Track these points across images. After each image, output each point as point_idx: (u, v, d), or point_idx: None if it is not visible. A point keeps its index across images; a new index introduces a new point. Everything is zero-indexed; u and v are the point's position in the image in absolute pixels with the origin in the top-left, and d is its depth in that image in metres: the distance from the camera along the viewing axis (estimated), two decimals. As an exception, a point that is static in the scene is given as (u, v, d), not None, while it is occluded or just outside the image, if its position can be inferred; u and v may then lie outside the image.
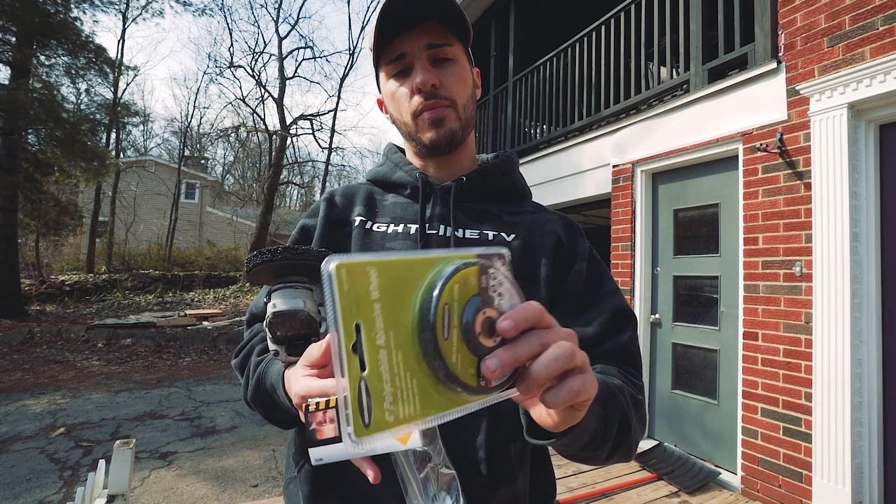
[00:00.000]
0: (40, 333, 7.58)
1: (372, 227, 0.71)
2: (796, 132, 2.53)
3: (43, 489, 3.00)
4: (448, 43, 0.66)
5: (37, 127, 9.09)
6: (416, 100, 0.65)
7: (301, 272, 0.50)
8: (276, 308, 0.48)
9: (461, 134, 0.69)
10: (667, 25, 3.46)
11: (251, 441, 3.82)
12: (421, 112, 0.66)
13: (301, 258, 0.49)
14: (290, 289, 0.49)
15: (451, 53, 0.66)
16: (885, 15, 2.18)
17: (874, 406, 2.26)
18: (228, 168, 28.67)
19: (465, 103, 0.68)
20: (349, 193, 0.78)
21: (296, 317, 0.48)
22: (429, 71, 0.64)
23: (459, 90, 0.67)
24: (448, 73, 0.66)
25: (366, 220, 0.72)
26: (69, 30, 9.34)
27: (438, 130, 0.66)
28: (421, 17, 0.64)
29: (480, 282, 0.30)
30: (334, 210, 0.75)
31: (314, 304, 0.50)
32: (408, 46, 0.64)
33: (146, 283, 13.18)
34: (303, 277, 0.50)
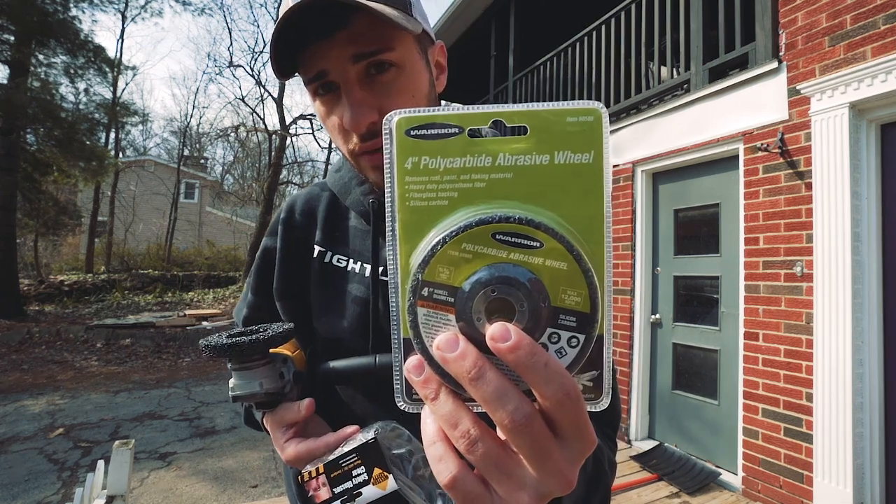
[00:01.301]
0: (39, 334, 7.57)
1: (331, 261, 0.62)
2: (797, 132, 2.53)
3: (42, 490, 2.99)
4: (384, 47, 0.48)
5: (35, 126, 9.08)
6: (353, 140, 0.52)
7: (259, 352, 0.49)
8: (234, 392, 0.49)
9: None
10: (667, 25, 3.45)
11: (251, 441, 3.81)
12: (360, 154, 0.53)
13: (256, 345, 0.47)
14: (245, 371, 0.48)
15: (393, 59, 0.49)
16: (886, 14, 2.18)
17: (875, 406, 2.25)
18: (228, 168, 28.66)
19: None
20: (309, 209, 0.67)
21: (254, 398, 0.49)
22: (361, 103, 0.49)
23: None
24: (389, 92, 0.50)
25: (325, 252, 0.63)
26: (68, 29, 9.33)
27: (381, 176, 0.54)
28: (338, 14, 0.46)
29: None
30: (293, 232, 0.66)
31: (274, 377, 0.50)
32: (328, 61, 0.48)
33: (145, 283, 13.16)
34: (259, 356, 0.49)
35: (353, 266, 0.61)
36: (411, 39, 0.52)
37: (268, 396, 0.50)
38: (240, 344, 0.46)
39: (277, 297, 0.65)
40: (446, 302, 0.23)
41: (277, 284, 0.65)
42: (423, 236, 0.24)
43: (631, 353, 3.54)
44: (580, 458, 0.23)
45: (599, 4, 5.26)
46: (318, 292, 0.62)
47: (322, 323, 0.61)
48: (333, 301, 0.61)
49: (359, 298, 0.59)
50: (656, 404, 3.47)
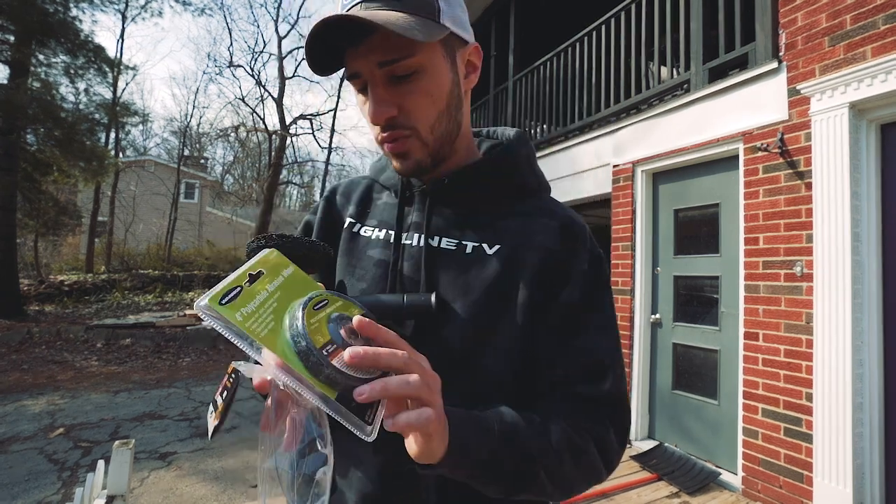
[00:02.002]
0: (39, 334, 7.57)
1: (359, 231, 0.69)
2: (797, 132, 2.53)
3: (42, 490, 2.99)
4: (404, 55, 0.53)
5: (35, 126, 9.07)
6: (376, 129, 0.59)
7: (295, 260, 0.53)
8: None
9: (431, 160, 0.61)
10: (667, 25, 3.45)
11: (251, 441, 3.81)
12: (382, 143, 0.60)
13: (293, 247, 0.53)
14: None
15: (413, 65, 0.54)
16: (886, 14, 2.18)
17: (875, 406, 2.25)
18: (228, 168, 28.64)
19: (433, 124, 0.58)
20: (348, 191, 0.76)
21: None
22: (382, 101, 0.55)
23: (424, 113, 0.57)
24: (410, 92, 0.55)
25: (355, 223, 0.70)
26: (68, 29, 9.33)
27: (403, 163, 0.60)
28: (362, 29, 0.52)
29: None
30: (332, 209, 0.74)
31: None
32: (359, 64, 0.55)
33: (145, 283, 13.16)
34: (296, 265, 0.53)
35: (378, 234, 0.67)
36: (436, 44, 0.56)
37: None
38: (290, 236, 0.54)
39: None
40: (334, 348, 0.40)
41: None
42: (281, 343, 0.38)
43: (631, 353, 3.54)
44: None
45: (599, 4, 5.25)
46: (343, 258, 0.68)
47: (339, 286, 0.66)
48: (356, 266, 0.66)
49: (380, 261, 0.64)
50: (656, 404, 3.47)
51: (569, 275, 0.60)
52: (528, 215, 0.64)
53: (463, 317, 0.58)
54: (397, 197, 0.68)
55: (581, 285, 0.60)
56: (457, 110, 0.61)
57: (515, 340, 0.58)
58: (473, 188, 0.65)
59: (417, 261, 0.62)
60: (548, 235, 0.62)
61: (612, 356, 0.60)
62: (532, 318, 0.59)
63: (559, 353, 0.59)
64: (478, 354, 0.57)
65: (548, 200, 0.68)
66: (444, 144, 0.61)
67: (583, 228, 0.65)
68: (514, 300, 0.59)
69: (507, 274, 0.59)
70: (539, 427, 0.52)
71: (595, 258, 0.63)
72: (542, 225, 0.63)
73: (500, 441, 0.48)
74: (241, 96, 19.94)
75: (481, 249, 0.61)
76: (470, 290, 0.58)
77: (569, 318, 0.59)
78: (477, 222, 0.63)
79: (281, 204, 27.86)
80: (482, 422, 0.49)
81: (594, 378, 0.58)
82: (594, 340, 0.60)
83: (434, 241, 0.63)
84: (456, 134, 0.63)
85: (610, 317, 0.62)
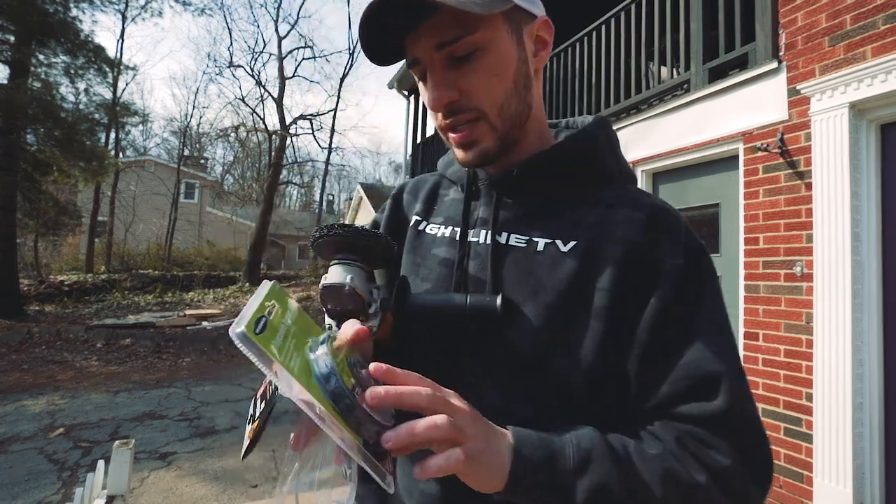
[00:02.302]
0: (39, 334, 7.57)
1: (425, 229, 0.65)
2: (797, 132, 2.53)
3: (42, 490, 2.99)
4: (463, 34, 0.49)
5: (35, 126, 9.08)
6: (439, 117, 0.55)
7: (356, 251, 0.52)
8: (324, 281, 0.52)
9: (499, 147, 0.55)
10: (667, 25, 3.45)
11: (251, 441, 3.82)
12: (445, 132, 0.56)
13: (353, 237, 0.52)
14: (341, 265, 0.52)
15: (473, 43, 0.50)
16: (886, 14, 2.18)
17: (875, 406, 2.25)
18: (228, 168, 28.65)
19: (501, 104, 0.53)
20: (416, 188, 0.72)
21: (340, 291, 0.51)
22: (439, 85, 0.52)
23: (489, 93, 0.52)
24: (471, 73, 0.51)
25: (420, 220, 0.67)
26: (68, 29, 9.34)
27: (468, 153, 0.55)
28: (419, 7, 0.48)
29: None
30: (399, 207, 0.71)
31: (364, 283, 0.52)
32: (417, 49, 0.52)
33: (145, 283, 13.16)
34: (357, 256, 0.53)
35: (444, 231, 0.63)
36: (499, 19, 0.52)
37: (351, 298, 0.51)
38: (352, 226, 0.52)
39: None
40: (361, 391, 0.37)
41: None
42: (312, 382, 0.36)
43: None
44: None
45: (599, 4, 5.25)
46: (408, 257, 0.65)
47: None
48: (420, 265, 0.63)
49: (445, 260, 0.60)
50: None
51: (657, 271, 0.51)
52: (608, 206, 0.56)
53: (533, 320, 0.52)
54: (464, 192, 0.64)
55: (674, 281, 0.51)
56: (526, 90, 0.55)
57: (593, 348, 0.50)
58: (546, 178, 0.58)
59: (484, 259, 0.57)
60: (631, 227, 0.53)
61: (725, 364, 0.48)
62: (615, 324, 0.50)
63: (653, 365, 0.49)
64: (549, 359, 0.51)
65: (632, 190, 0.59)
66: (513, 128, 0.55)
67: (676, 219, 0.56)
68: (591, 303, 0.51)
69: (583, 273, 0.52)
70: (625, 455, 0.44)
71: (692, 250, 0.54)
72: (625, 216, 0.55)
73: (573, 473, 0.42)
74: (241, 96, 19.96)
75: (554, 246, 0.54)
76: (541, 291, 0.52)
77: (662, 322, 0.50)
78: (550, 216, 0.57)
79: (281, 204, 27.87)
80: (553, 447, 0.43)
81: (701, 393, 0.47)
82: (697, 346, 0.49)
83: (502, 237, 0.57)
84: (526, 117, 0.57)
85: (716, 317, 0.52)
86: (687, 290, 0.51)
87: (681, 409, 0.48)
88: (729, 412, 0.46)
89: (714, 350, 0.49)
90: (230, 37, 26.73)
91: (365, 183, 18.30)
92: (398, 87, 8.10)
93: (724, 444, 0.46)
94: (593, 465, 0.43)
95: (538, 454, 0.42)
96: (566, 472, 0.42)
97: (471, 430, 0.39)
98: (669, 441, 0.47)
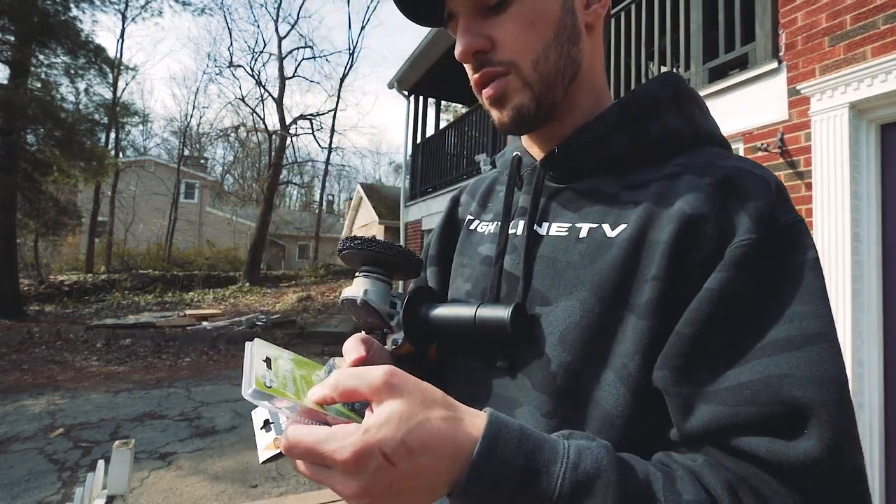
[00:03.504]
0: (39, 334, 7.58)
1: (476, 228, 0.61)
2: (797, 132, 2.53)
3: (42, 490, 2.99)
4: None
5: (35, 127, 9.09)
6: (469, 70, 0.49)
7: (381, 264, 0.51)
8: (342, 294, 0.51)
9: (536, 106, 0.47)
10: (667, 25, 3.45)
11: (251, 441, 3.81)
12: (478, 89, 0.49)
13: (379, 249, 0.50)
14: (361, 277, 0.51)
15: None
16: (886, 14, 2.18)
17: (875, 407, 2.25)
18: (228, 168, 28.67)
19: (537, 56, 0.45)
20: (475, 188, 0.68)
21: (353, 303, 0.49)
22: (467, 32, 0.46)
23: (522, 42, 0.45)
24: (503, 21, 0.45)
25: (473, 219, 0.62)
26: (68, 29, 9.35)
27: (501, 111, 0.48)
28: None
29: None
30: (455, 209, 0.68)
31: (383, 296, 0.50)
32: (451, 1, 0.47)
33: (145, 283, 13.17)
34: (381, 269, 0.51)
35: (490, 227, 0.58)
36: None
37: (364, 308, 0.49)
38: (375, 240, 0.50)
39: (429, 262, 0.66)
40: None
41: (432, 250, 0.66)
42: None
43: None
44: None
45: (599, 4, 5.25)
46: (457, 258, 0.61)
47: (452, 288, 0.59)
48: (465, 265, 0.59)
49: (486, 258, 0.55)
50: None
51: (719, 249, 0.38)
52: (671, 176, 0.45)
53: (567, 322, 0.43)
54: (508, 180, 0.57)
55: (743, 262, 0.37)
56: (570, 44, 0.47)
57: (639, 352, 0.40)
58: (594, 152, 0.49)
59: (520, 254, 0.50)
60: (692, 196, 0.41)
61: (819, 388, 0.33)
62: (665, 322, 0.39)
63: (711, 378, 0.36)
64: (582, 376, 0.42)
65: (710, 152, 0.47)
66: (552, 86, 0.47)
67: (759, 181, 0.41)
68: (638, 297, 0.41)
69: (631, 261, 0.42)
70: (644, 495, 0.32)
71: (778, 222, 0.39)
72: (688, 184, 0.43)
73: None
74: (241, 96, 19.95)
75: (600, 232, 0.45)
76: (579, 287, 0.44)
77: (721, 315, 0.37)
78: (600, 197, 0.48)
79: (281, 204, 27.88)
80: (535, 456, 0.32)
81: (778, 427, 0.33)
82: (776, 357, 0.34)
83: (542, 227, 0.50)
84: (571, 75, 0.48)
85: (809, 316, 0.36)
86: (763, 275, 0.37)
87: (741, 443, 0.34)
88: (819, 462, 0.31)
89: (803, 364, 0.34)
90: (230, 37, 26.79)
91: (365, 183, 18.31)
92: (398, 88, 8.10)
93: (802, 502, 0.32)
94: (591, 499, 0.30)
95: (503, 467, 0.30)
96: (546, 499, 0.30)
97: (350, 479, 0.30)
98: (717, 487, 0.33)
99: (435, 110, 9.12)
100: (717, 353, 0.37)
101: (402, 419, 0.30)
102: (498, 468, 0.30)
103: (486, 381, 0.50)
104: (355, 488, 0.29)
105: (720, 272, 0.37)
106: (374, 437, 0.29)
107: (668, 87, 0.50)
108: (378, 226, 14.88)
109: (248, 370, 0.34)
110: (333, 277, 15.75)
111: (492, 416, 0.32)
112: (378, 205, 15.07)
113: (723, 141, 0.50)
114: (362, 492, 0.29)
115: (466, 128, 6.61)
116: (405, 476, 0.29)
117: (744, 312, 0.37)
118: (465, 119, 6.67)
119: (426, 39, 6.63)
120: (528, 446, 0.31)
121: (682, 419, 0.37)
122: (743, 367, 0.35)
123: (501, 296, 0.50)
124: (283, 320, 9.21)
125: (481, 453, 0.30)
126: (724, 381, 0.35)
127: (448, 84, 7.83)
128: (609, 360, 0.41)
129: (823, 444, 0.31)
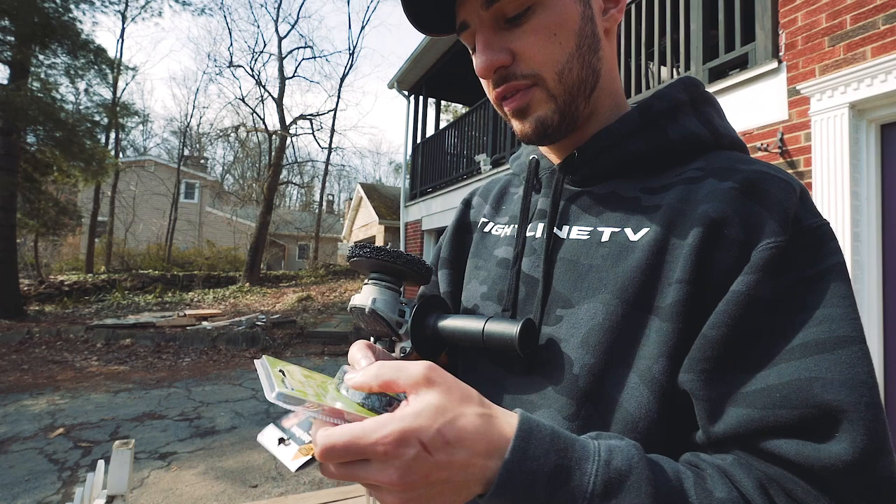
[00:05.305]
0: (39, 334, 7.58)
1: (490, 231, 0.61)
2: (797, 132, 2.53)
3: (42, 490, 2.99)
4: None
5: (35, 127, 9.09)
6: (490, 87, 0.48)
7: (390, 272, 0.50)
8: (351, 302, 0.51)
9: (560, 119, 0.47)
10: (667, 25, 3.45)
11: (251, 441, 3.81)
12: (498, 101, 0.49)
13: (390, 259, 0.49)
14: (370, 285, 0.51)
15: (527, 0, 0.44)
16: (886, 14, 2.18)
17: (875, 406, 2.26)
18: (228, 168, 28.68)
19: (561, 68, 0.45)
20: (487, 190, 0.68)
21: (362, 312, 0.49)
22: (487, 48, 0.45)
23: (545, 54, 0.45)
24: (526, 32, 0.44)
25: (487, 222, 0.62)
26: (69, 30, 9.35)
27: (523, 122, 0.48)
28: None
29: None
30: (467, 212, 0.68)
31: (392, 305, 0.50)
32: (465, 11, 0.46)
33: (145, 283, 13.16)
34: (391, 277, 0.51)
35: (506, 230, 0.58)
36: None
37: (372, 316, 0.49)
38: (385, 249, 0.49)
39: (441, 265, 0.65)
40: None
41: (444, 253, 0.66)
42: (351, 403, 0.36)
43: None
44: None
45: (599, 4, 5.25)
46: (471, 261, 0.61)
47: (466, 290, 0.59)
48: (481, 267, 0.58)
49: (503, 260, 0.55)
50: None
51: (744, 253, 0.39)
52: (692, 180, 0.45)
53: (589, 326, 0.43)
54: (526, 183, 0.58)
55: (769, 265, 0.37)
56: (591, 53, 0.47)
57: (663, 357, 0.40)
58: (615, 155, 0.49)
59: (539, 256, 0.50)
60: (716, 200, 0.41)
61: (850, 391, 0.33)
62: (690, 326, 0.39)
63: (740, 381, 0.36)
64: (605, 378, 0.42)
65: (730, 156, 0.47)
66: (576, 97, 0.47)
67: (783, 185, 0.41)
68: (662, 301, 0.41)
69: (654, 266, 0.42)
70: (675, 491, 0.32)
71: (804, 225, 0.39)
72: (710, 187, 0.43)
73: (589, 501, 0.31)
74: (241, 96, 19.94)
75: (622, 236, 0.45)
76: (601, 291, 0.44)
77: (749, 322, 0.37)
78: (621, 202, 0.48)
79: (281, 204, 27.89)
80: (568, 454, 0.32)
81: (810, 429, 0.33)
82: (806, 359, 0.34)
83: (563, 231, 0.50)
84: (592, 85, 0.48)
85: (840, 322, 0.35)
86: (790, 278, 0.37)
87: (771, 446, 0.34)
88: (851, 466, 0.31)
89: (833, 367, 0.34)
90: (230, 37, 26.76)
91: (365, 183, 18.33)
92: (398, 88, 8.10)
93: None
94: (624, 495, 0.31)
95: (536, 465, 0.31)
96: (580, 496, 0.30)
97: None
98: (749, 486, 0.33)
99: (435, 110, 9.13)
100: (745, 356, 0.37)
101: (439, 411, 0.30)
102: (531, 466, 0.31)
103: (504, 383, 0.49)
104: (394, 477, 0.29)
105: (746, 275, 0.38)
106: (411, 425, 0.29)
107: (686, 91, 0.50)
108: (378, 226, 14.89)
109: (265, 379, 0.35)
110: (333, 277, 15.75)
111: (523, 416, 0.33)
112: (378, 205, 15.08)
113: (741, 144, 0.51)
114: (400, 480, 0.29)
115: (466, 128, 6.61)
116: (441, 467, 0.30)
117: (771, 315, 0.37)
118: (465, 119, 6.67)
119: (426, 39, 6.63)
120: (560, 445, 0.32)
121: (710, 422, 0.37)
122: (772, 370, 0.35)
123: (519, 298, 0.50)
124: (282, 320, 9.21)
125: (515, 451, 0.31)
126: (753, 384, 0.36)
127: (448, 84, 7.84)
128: (632, 362, 0.41)
129: (855, 447, 0.31)
